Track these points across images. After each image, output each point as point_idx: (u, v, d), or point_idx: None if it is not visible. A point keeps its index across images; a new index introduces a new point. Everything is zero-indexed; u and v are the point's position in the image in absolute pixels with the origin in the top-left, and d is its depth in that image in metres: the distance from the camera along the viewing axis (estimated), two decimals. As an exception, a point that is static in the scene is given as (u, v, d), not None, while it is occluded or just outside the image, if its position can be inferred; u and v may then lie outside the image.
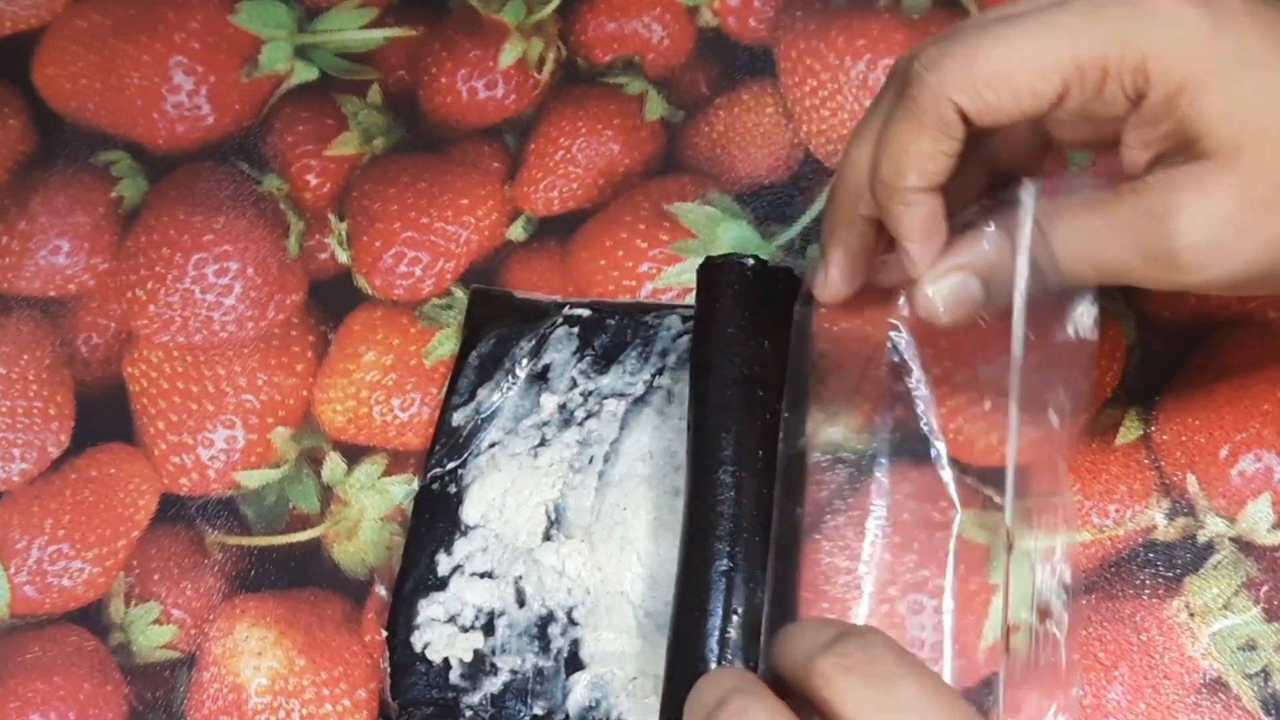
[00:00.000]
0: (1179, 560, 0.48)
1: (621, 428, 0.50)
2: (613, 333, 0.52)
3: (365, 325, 0.55)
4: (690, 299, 0.50)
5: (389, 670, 0.47)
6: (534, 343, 0.51)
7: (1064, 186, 0.43)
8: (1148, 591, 0.48)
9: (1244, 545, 0.48)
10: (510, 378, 0.51)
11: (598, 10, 0.59)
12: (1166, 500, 0.48)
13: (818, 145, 0.56)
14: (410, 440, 0.53)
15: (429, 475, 0.50)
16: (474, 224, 0.56)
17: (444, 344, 0.54)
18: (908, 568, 0.49)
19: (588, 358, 0.51)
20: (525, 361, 0.51)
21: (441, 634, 0.47)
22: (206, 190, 0.58)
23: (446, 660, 0.47)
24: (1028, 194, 0.42)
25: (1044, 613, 0.46)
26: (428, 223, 0.56)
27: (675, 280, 0.54)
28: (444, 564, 0.49)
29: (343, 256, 0.56)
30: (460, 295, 0.55)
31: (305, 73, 0.59)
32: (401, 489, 0.52)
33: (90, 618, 0.51)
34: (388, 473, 0.52)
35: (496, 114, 0.58)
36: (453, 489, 0.50)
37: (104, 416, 0.54)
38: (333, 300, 0.55)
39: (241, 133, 0.59)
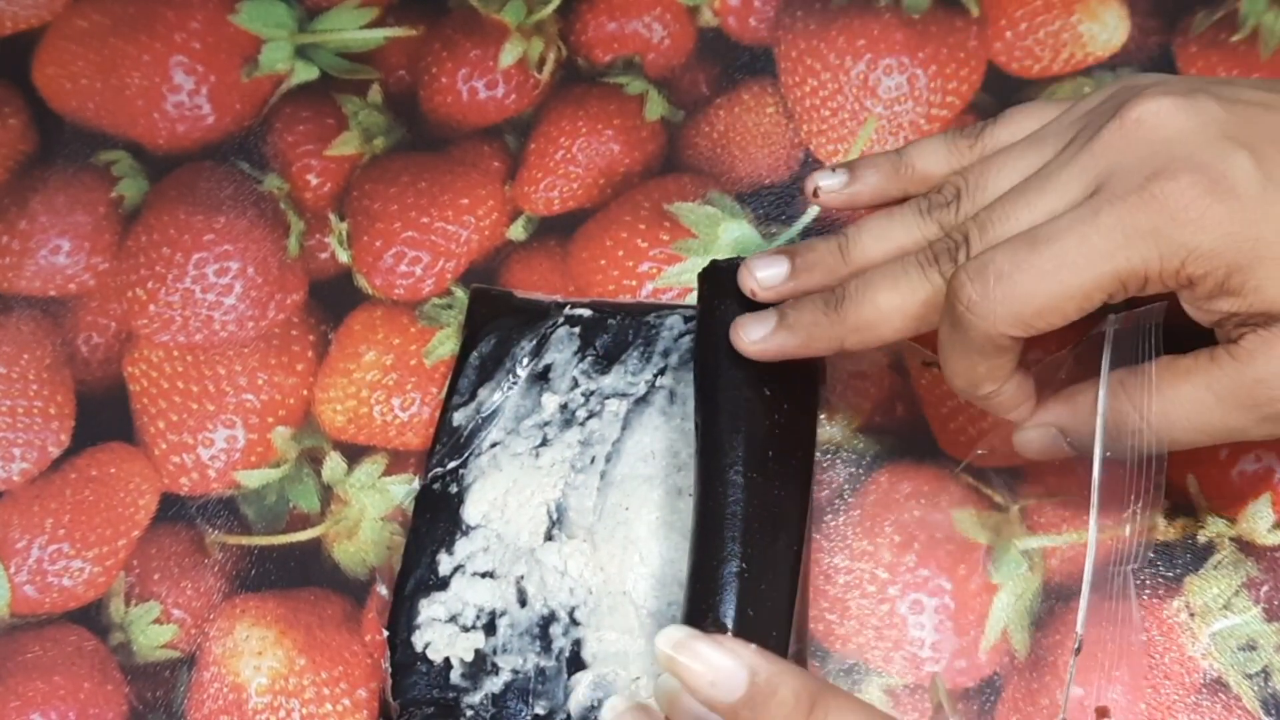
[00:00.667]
0: (1179, 560, 0.48)
1: (623, 428, 0.50)
2: (614, 333, 0.52)
3: (365, 325, 0.55)
4: (691, 299, 0.50)
5: (390, 670, 0.47)
6: (535, 342, 0.51)
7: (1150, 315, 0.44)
8: (1148, 591, 0.48)
9: (1244, 545, 0.48)
10: (511, 377, 0.51)
11: (598, 10, 0.59)
12: (1166, 500, 0.48)
13: (818, 145, 0.56)
14: (410, 440, 0.53)
15: (430, 475, 0.50)
16: (474, 224, 0.56)
17: (444, 344, 0.54)
18: (908, 568, 0.49)
19: (589, 358, 0.51)
20: (526, 361, 0.51)
21: (443, 634, 0.47)
22: (207, 190, 0.58)
23: (448, 660, 0.47)
24: (1107, 346, 0.44)
25: None
26: (428, 222, 0.56)
27: (676, 280, 0.54)
28: (445, 564, 0.49)
29: (343, 256, 0.56)
30: (460, 295, 0.55)
31: (305, 72, 0.59)
32: (402, 489, 0.52)
33: (90, 617, 0.51)
34: (388, 472, 0.52)
35: (497, 114, 0.58)
36: (454, 489, 0.50)
37: (104, 416, 0.54)
38: (333, 300, 0.55)
39: (242, 132, 0.59)
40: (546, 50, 0.59)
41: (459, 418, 0.51)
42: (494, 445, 0.50)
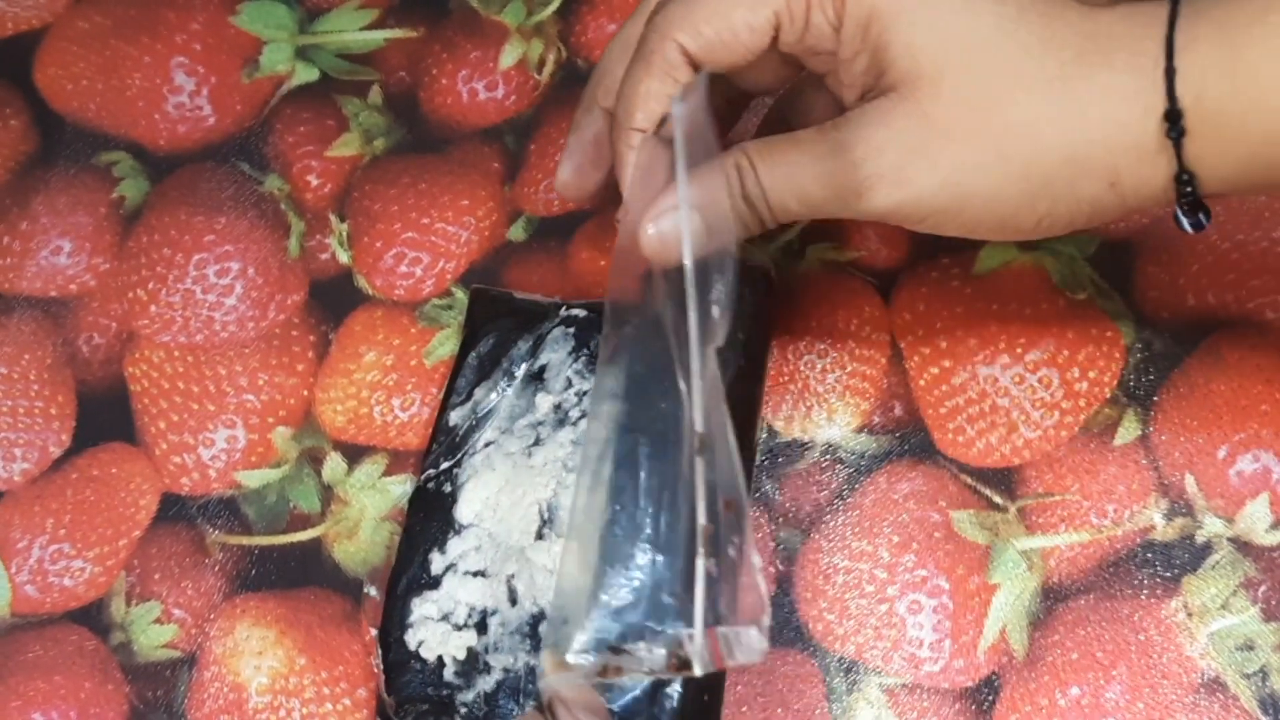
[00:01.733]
0: (1177, 560, 0.48)
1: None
2: None
3: (366, 325, 0.55)
4: None
5: (383, 668, 0.47)
6: (532, 343, 0.51)
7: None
8: (1146, 591, 0.48)
9: (1242, 545, 0.48)
10: (508, 378, 0.51)
11: (598, 11, 0.59)
12: (1165, 500, 0.49)
13: (817, 146, 0.56)
14: (410, 440, 0.53)
15: (424, 474, 0.50)
16: (474, 224, 0.56)
17: (444, 344, 0.54)
18: (906, 568, 0.49)
19: (583, 358, 0.51)
20: (523, 362, 0.51)
21: (435, 632, 0.48)
22: (208, 191, 0.58)
23: (440, 658, 0.47)
24: (677, 105, 0.43)
25: None
26: (428, 223, 0.56)
27: (675, 281, 0.54)
28: (438, 562, 0.49)
29: (343, 257, 0.56)
30: (460, 296, 0.55)
31: (306, 74, 0.60)
32: (402, 489, 0.52)
33: (91, 617, 0.52)
34: (388, 472, 0.53)
35: (497, 115, 0.58)
36: (447, 488, 0.50)
37: (105, 416, 0.54)
38: (333, 300, 0.56)
39: (243, 133, 0.59)
40: (546, 51, 0.59)
41: (455, 417, 0.51)
42: (488, 445, 0.50)
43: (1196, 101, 0.39)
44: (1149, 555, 0.48)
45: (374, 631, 0.48)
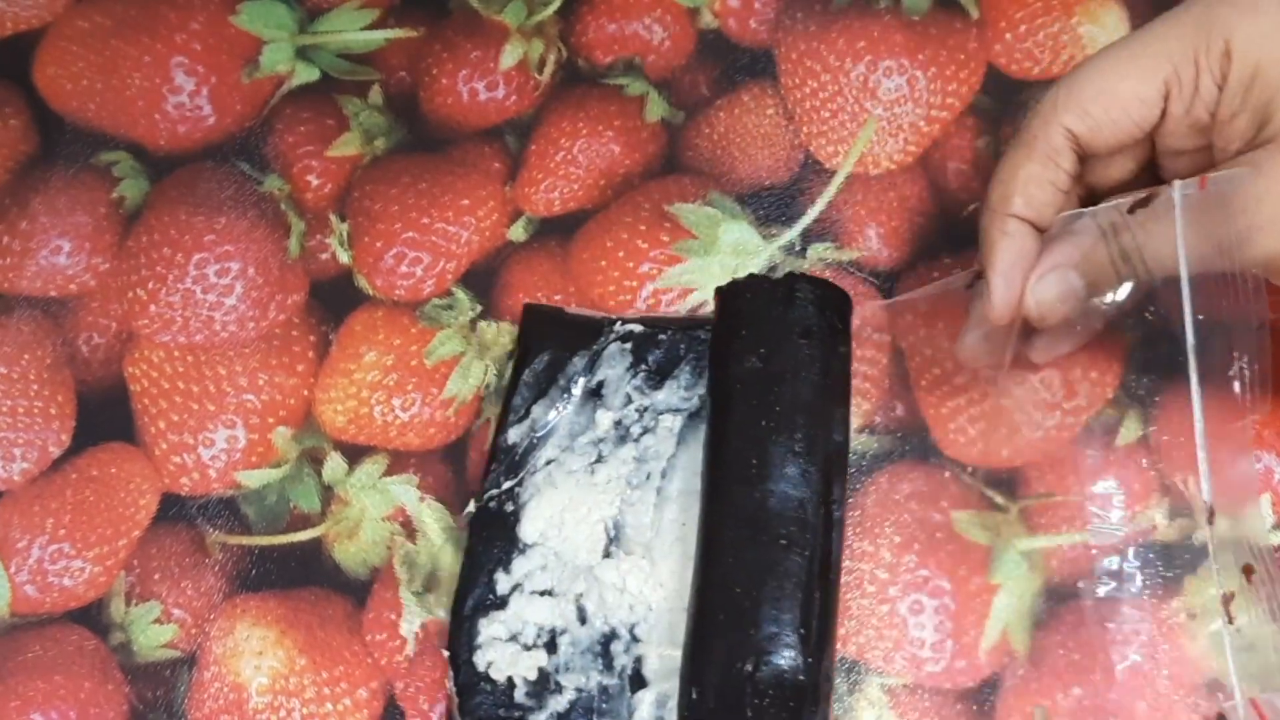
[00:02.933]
0: (1178, 561, 0.48)
1: (678, 443, 0.49)
2: (665, 348, 0.51)
3: (366, 325, 0.55)
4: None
5: (455, 690, 0.47)
6: (587, 359, 0.51)
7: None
8: (1147, 592, 0.48)
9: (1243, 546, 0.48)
10: (565, 395, 0.51)
11: (598, 12, 0.59)
12: (1166, 501, 0.49)
13: (818, 147, 0.56)
14: (411, 440, 0.53)
15: (485, 494, 0.50)
16: (475, 224, 0.56)
17: (444, 344, 0.54)
18: (908, 568, 0.49)
19: (641, 373, 0.51)
20: (579, 378, 0.51)
21: (504, 653, 0.47)
22: (208, 191, 0.58)
23: (510, 679, 0.47)
24: (1175, 190, 0.42)
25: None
26: (428, 223, 0.56)
27: (676, 281, 0.54)
28: (503, 583, 0.48)
29: (344, 257, 0.56)
30: (461, 296, 0.55)
31: (306, 73, 0.60)
32: (402, 489, 0.52)
33: (91, 617, 0.51)
34: (388, 473, 0.52)
35: (497, 115, 0.58)
36: (510, 507, 0.49)
37: (105, 416, 0.54)
38: (334, 300, 0.55)
39: (243, 133, 0.59)
40: (547, 51, 0.59)
41: (514, 435, 0.51)
42: (549, 463, 0.50)
43: None
44: (1150, 555, 0.48)
45: (446, 653, 0.48)
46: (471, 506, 0.50)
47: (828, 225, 0.54)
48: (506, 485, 0.50)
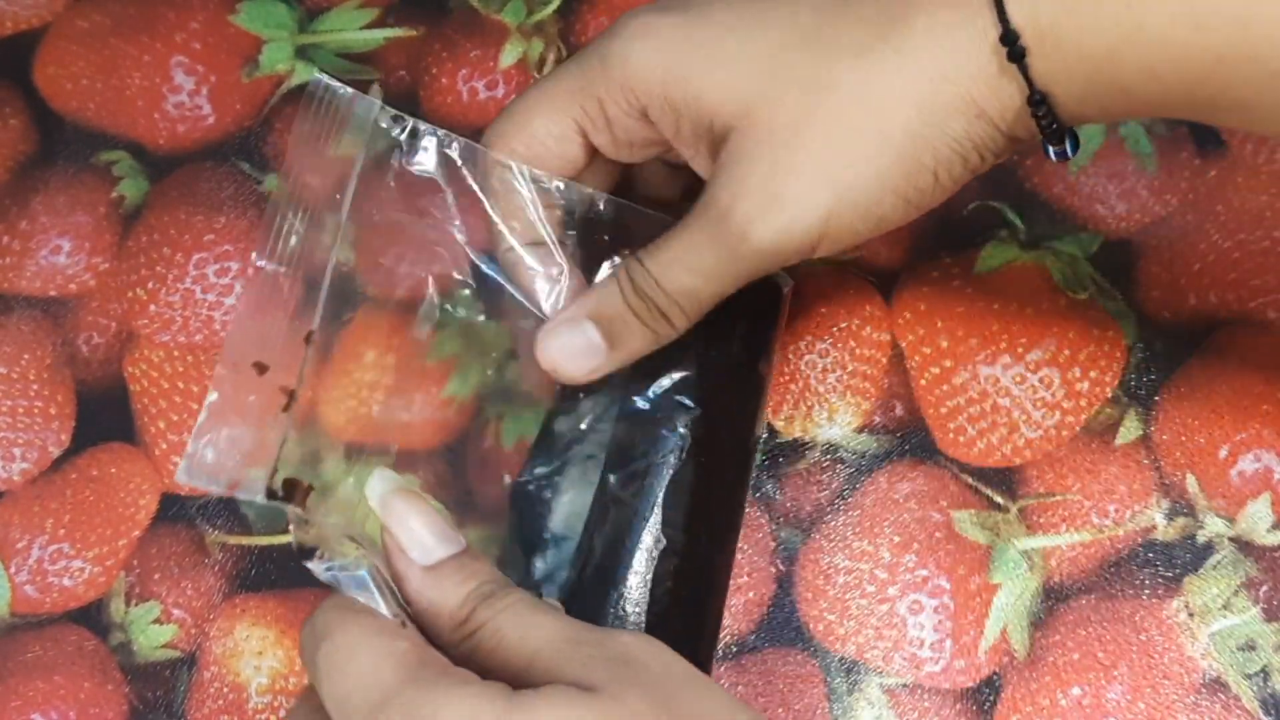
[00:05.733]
0: (1178, 560, 0.48)
1: None
2: None
3: (366, 325, 0.55)
4: None
5: None
6: None
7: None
8: (1147, 591, 0.48)
9: (1243, 545, 0.48)
10: (613, 394, 0.50)
11: (598, 11, 0.59)
12: (1166, 500, 0.49)
13: (818, 146, 0.56)
14: (411, 440, 0.53)
15: (522, 475, 0.50)
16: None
17: (445, 344, 0.54)
18: (907, 568, 0.49)
19: None
20: None
21: None
22: (207, 190, 0.58)
23: None
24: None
25: None
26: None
27: (675, 280, 0.54)
28: (540, 569, 0.48)
29: (344, 256, 0.56)
30: (460, 295, 0.55)
31: (306, 73, 0.60)
32: (402, 489, 0.52)
33: (91, 617, 0.52)
34: (388, 472, 0.52)
35: (497, 114, 0.58)
36: (548, 494, 0.49)
37: (105, 416, 0.54)
38: (333, 300, 0.55)
39: (242, 133, 0.59)
40: (547, 51, 0.59)
41: (560, 425, 0.50)
42: (588, 458, 0.50)
43: (1031, 20, 0.38)
44: (1150, 555, 0.48)
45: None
46: (507, 480, 0.50)
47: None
48: (542, 471, 0.50)
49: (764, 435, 0.51)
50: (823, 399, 0.51)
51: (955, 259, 0.53)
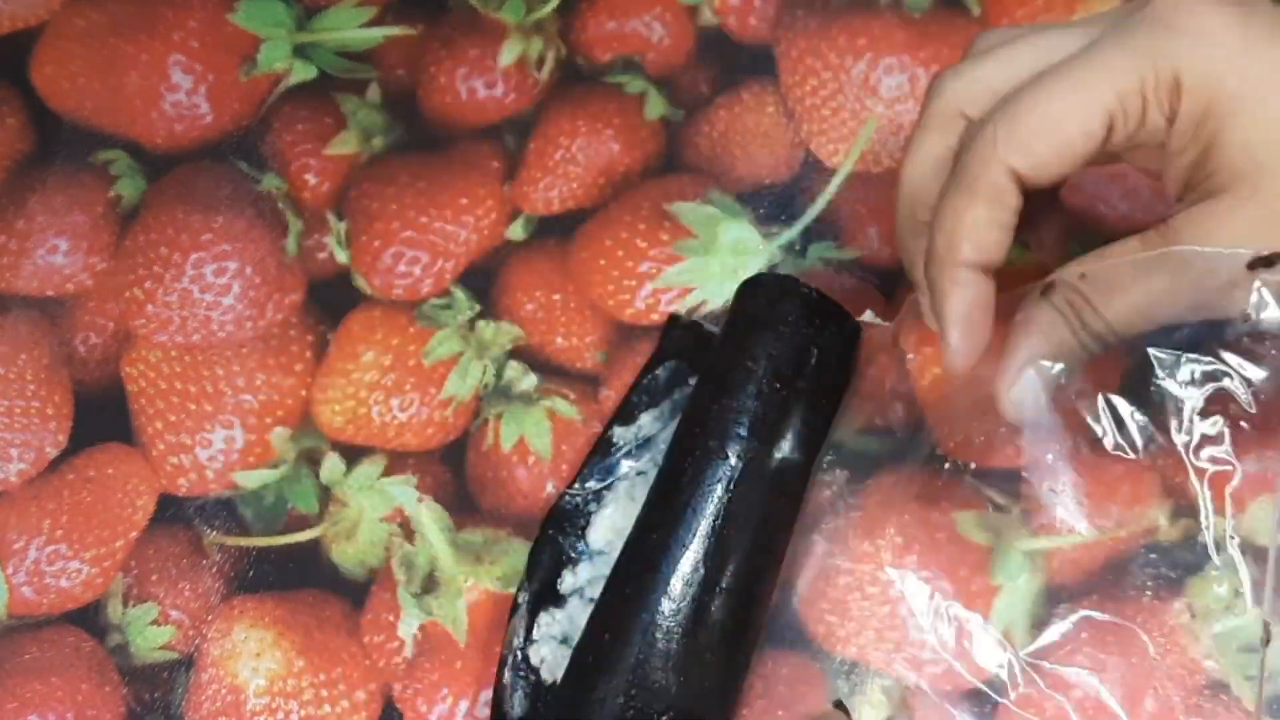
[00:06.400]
0: (1181, 561, 0.48)
1: None
2: None
3: (364, 325, 0.55)
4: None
5: (508, 682, 0.47)
6: None
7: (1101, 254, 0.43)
8: (1150, 593, 0.47)
9: (1246, 546, 0.48)
10: (676, 411, 0.50)
11: (598, 9, 0.59)
12: (1169, 501, 0.48)
13: (818, 145, 0.56)
14: (409, 440, 0.53)
15: (572, 488, 0.49)
16: (473, 223, 0.56)
17: (443, 344, 0.54)
18: (909, 569, 0.49)
19: None
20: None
21: (556, 653, 0.47)
22: (205, 189, 0.58)
23: (555, 683, 0.46)
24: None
25: None
26: (427, 222, 0.56)
27: (676, 280, 0.54)
28: (568, 582, 0.48)
29: (341, 256, 0.56)
30: (459, 295, 0.55)
31: (304, 72, 0.59)
32: (400, 490, 0.52)
33: (88, 618, 0.51)
34: (386, 473, 0.52)
35: (496, 113, 0.58)
36: (592, 507, 0.49)
37: (102, 416, 0.54)
38: (331, 300, 0.55)
39: (240, 132, 0.59)
40: (546, 49, 0.59)
41: (618, 435, 0.50)
42: (639, 474, 0.49)
43: None
44: (1153, 556, 0.48)
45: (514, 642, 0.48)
46: (550, 488, 0.50)
47: (828, 224, 0.54)
48: (594, 486, 0.49)
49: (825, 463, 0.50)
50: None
51: (956, 259, 0.53)
